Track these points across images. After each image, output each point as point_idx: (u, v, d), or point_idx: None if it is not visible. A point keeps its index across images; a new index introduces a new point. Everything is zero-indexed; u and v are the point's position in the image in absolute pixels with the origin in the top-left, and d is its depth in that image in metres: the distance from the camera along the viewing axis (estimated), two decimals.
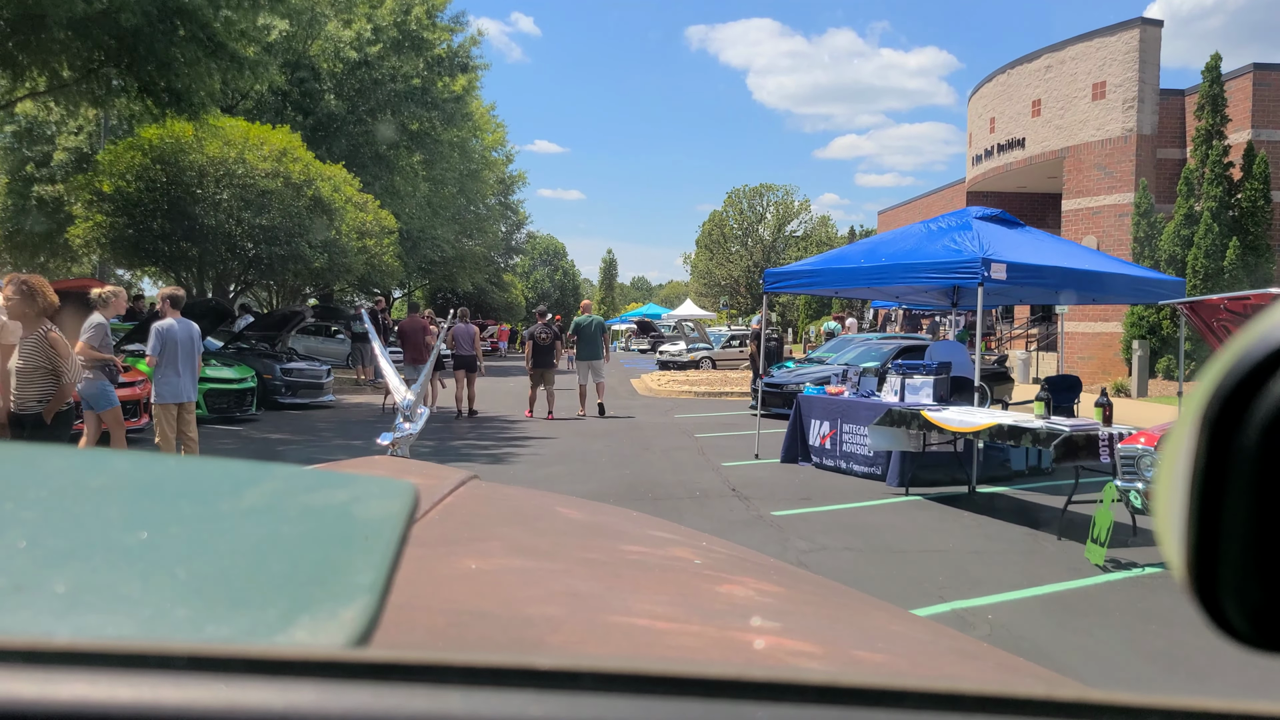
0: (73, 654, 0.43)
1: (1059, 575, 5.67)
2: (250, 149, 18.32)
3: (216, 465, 0.82)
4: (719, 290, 71.62)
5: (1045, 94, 21.34)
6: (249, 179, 18.09)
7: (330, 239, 19.07)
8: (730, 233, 74.02)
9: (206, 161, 17.90)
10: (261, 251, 18.29)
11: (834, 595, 1.20)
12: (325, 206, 19.34)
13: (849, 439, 9.13)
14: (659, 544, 1.28)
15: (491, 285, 54.65)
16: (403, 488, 0.79)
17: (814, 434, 9.66)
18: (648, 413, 15.57)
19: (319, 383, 15.29)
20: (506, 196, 55.60)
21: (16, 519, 0.63)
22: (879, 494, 8.22)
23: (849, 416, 9.15)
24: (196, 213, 17.79)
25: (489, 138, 44.98)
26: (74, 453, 0.77)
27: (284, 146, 18.87)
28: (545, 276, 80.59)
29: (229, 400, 12.74)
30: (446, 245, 34.68)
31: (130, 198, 17.71)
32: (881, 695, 0.46)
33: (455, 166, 38.07)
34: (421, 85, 26.99)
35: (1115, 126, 19.58)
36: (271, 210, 18.25)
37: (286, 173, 18.62)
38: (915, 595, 5.16)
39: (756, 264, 71.58)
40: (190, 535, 0.64)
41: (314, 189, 19.03)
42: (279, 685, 0.42)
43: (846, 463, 9.16)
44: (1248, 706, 0.49)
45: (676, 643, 0.77)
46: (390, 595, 0.58)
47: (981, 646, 1.07)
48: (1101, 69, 19.78)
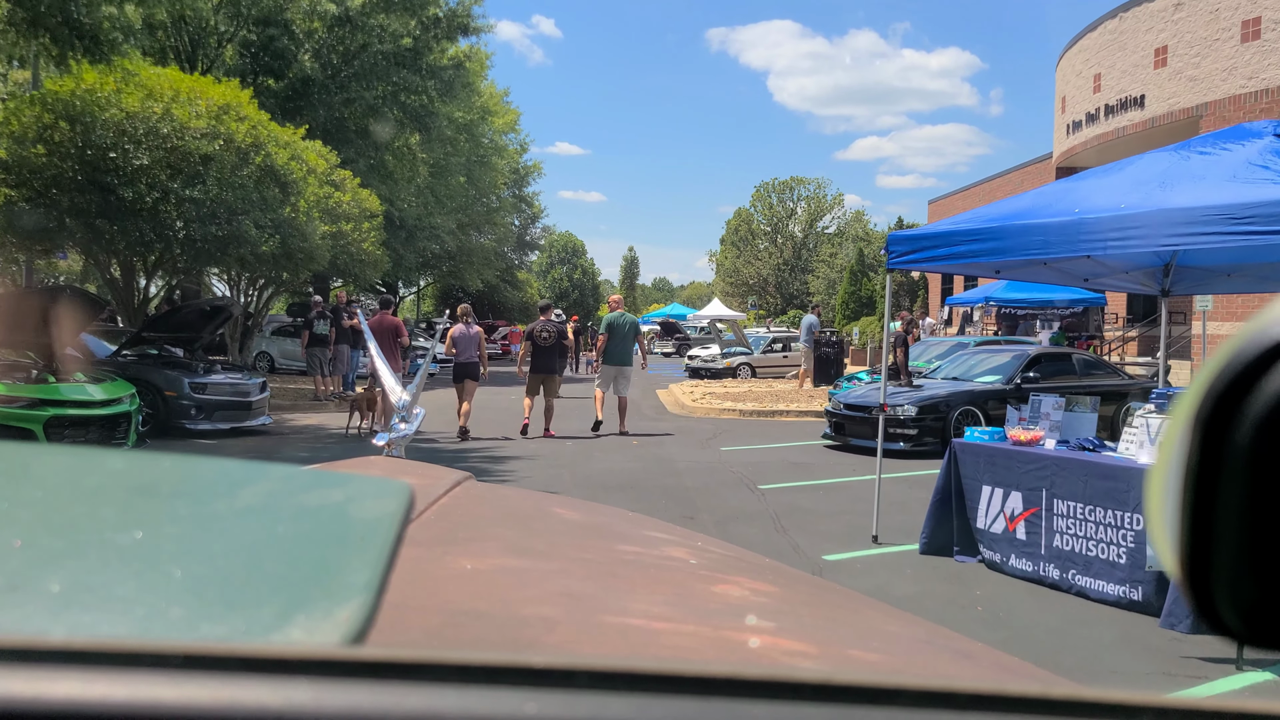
0: (67, 653, 0.43)
1: None
2: (180, 103, 14.55)
3: (212, 464, 0.85)
4: (746, 289, 67.50)
5: (1174, 39, 17.21)
6: (178, 141, 14.32)
7: (284, 218, 15.26)
8: (758, 229, 69.86)
9: (124, 118, 14.14)
10: (194, 231, 14.50)
11: (829, 594, 1.20)
12: (279, 177, 15.54)
13: (1070, 527, 5.11)
14: (654, 544, 1.29)
15: (504, 283, 50.80)
16: (398, 488, 0.82)
17: (986, 510, 5.64)
18: (683, 442, 11.62)
19: (245, 401, 11.46)
20: (520, 189, 51.78)
21: (11, 518, 0.64)
22: (1162, 649, 4.26)
23: (1065, 486, 5.14)
24: (111, 182, 14.04)
25: (499, 120, 41.15)
26: (69, 452, 0.81)
27: (225, 102, 15.09)
28: (564, 275, 76.78)
29: (91, 431, 8.90)
30: (447, 236, 30.79)
31: (31, 164, 14.00)
32: (876, 694, 0.46)
33: (462, 151, 34.31)
34: (413, 47, 23.17)
35: (1276, 73, 15.41)
36: (207, 180, 14.47)
37: (228, 134, 14.83)
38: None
39: (786, 262, 67.42)
40: (186, 534, 0.65)
41: (264, 155, 15.23)
42: (275, 684, 0.42)
43: (1065, 571, 5.12)
44: (1242, 704, 0.49)
45: (672, 642, 0.77)
46: (386, 595, 0.58)
47: (977, 646, 1.05)
48: (1254, 1, 15.64)
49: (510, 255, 52.79)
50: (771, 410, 14.82)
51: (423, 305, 58.03)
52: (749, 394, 17.51)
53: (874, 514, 6.50)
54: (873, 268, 51.99)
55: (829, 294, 57.90)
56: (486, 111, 38.08)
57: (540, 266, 74.07)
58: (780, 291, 66.83)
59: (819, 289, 59.36)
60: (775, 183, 69.48)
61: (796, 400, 16.08)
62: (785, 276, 67.15)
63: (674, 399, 17.66)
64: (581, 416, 14.18)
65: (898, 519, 6.82)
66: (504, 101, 44.82)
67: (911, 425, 10.34)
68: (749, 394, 17.51)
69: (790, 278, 66.79)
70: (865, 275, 46.68)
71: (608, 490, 8.14)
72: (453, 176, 34.04)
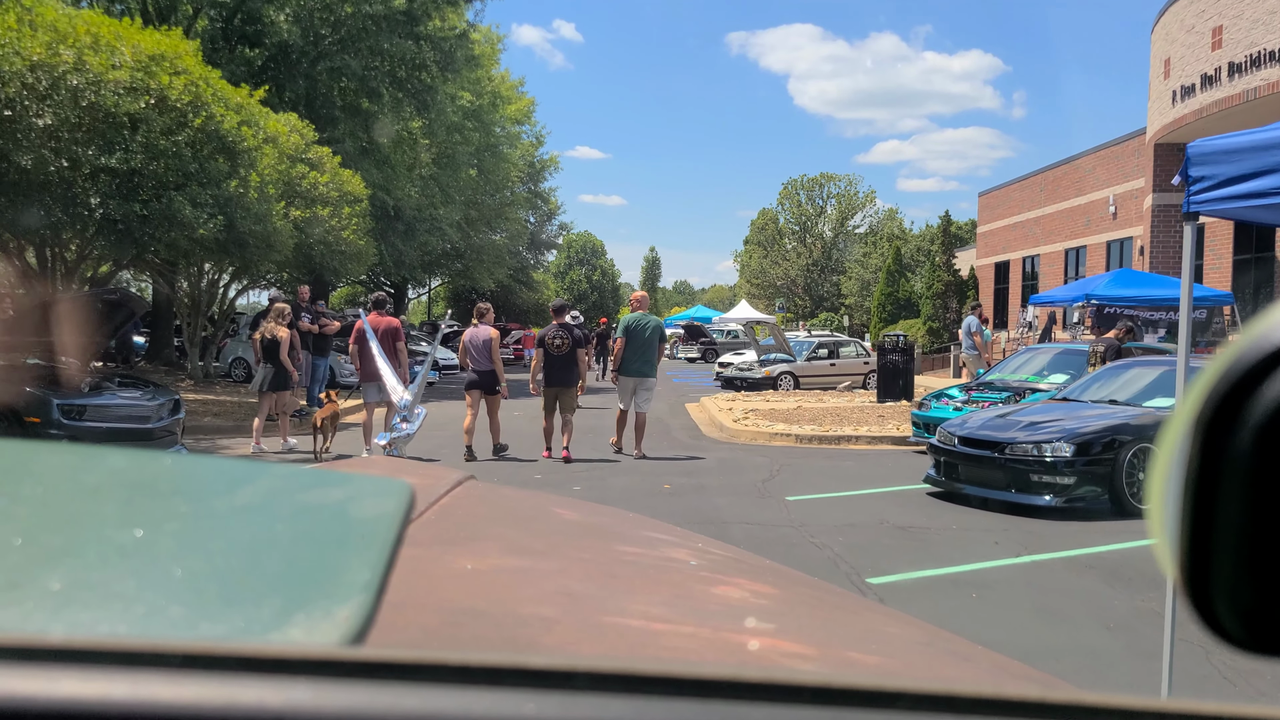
0: (67, 651, 0.44)
1: None
2: (98, 51, 11.67)
3: (212, 463, 0.85)
4: (774, 291, 64.21)
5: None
6: (94, 96, 11.43)
7: (230, 194, 12.34)
8: (786, 228, 66.52)
9: (26, 68, 11.28)
10: (113, 209, 11.62)
11: (828, 597, 1.19)
12: (225, 145, 12.62)
13: None
14: (654, 545, 1.28)
15: (518, 283, 47.86)
16: (399, 487, 0.82)
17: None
18: (730, 484, 8.54)
19: (144, 428, 8.49)
20: (536, 184, 48.82)
21: (11, 515, 0.64)
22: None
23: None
24: (5, 148, 11.18)
25: (512, 108, 38.20)
26: (69, 450, 0.79)
27: (158, 51, 12.19)
28: (583, 276, 73.82)
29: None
30: (451, 229, 27.82)
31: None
32: (875, 696, 0.46)
33: (471, 140, 31.41)
34: (408, 10, 20.26)
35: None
36: (130, 146, 11.58)
37: (160, 90, 11.93)
38: None
39: (815, 262, 64.07)
40: (186, 533, 0.65)
41: (206, 117, 12.32)
42: (274, 683, 0.42)
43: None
44: (1241, 710, 0.49)
45: (671, 643, 0.77)
46: (386, 594, 0.59)
47: (975, 649, 1.04)
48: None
49: (525, 254, 49.84)
50: (836, 436, 11.71)
51: (435, 308, 55.26)
52: (800, 412, 14.39)
53: (1164, 673, 3.36)
54: (910, 268, 48.74)
55: (862, 296, 54.60)
56: (498, 98, 35.15)
57: (558, 267, 71.12)
58: (809, 293, 63.52)
59: (851, 290, 56.06)
60: (804, 180, 66.20)
61: (863, 420, 12.96)
62: (815, 278, 63.85)
63: (709, 417, 14.59)
64: (601, 432, 11.86)
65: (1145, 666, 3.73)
66: (519, 91, 41.98)
67: (1065, 470, 7.23)
68: (800, 412, 14.39)
69: (820, 279, 63.48)
70: (903, 275, 43.49)
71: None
72: (461, 169, 31.16)
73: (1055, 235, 28.26)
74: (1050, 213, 28.64)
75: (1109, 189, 25.20)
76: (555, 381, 10.07)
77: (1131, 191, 24.02)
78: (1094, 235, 26.06)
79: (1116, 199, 24.78)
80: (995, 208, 33.12)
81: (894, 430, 11.86)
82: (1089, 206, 26.32)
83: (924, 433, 10.67)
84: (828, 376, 20.20)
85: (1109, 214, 25.05)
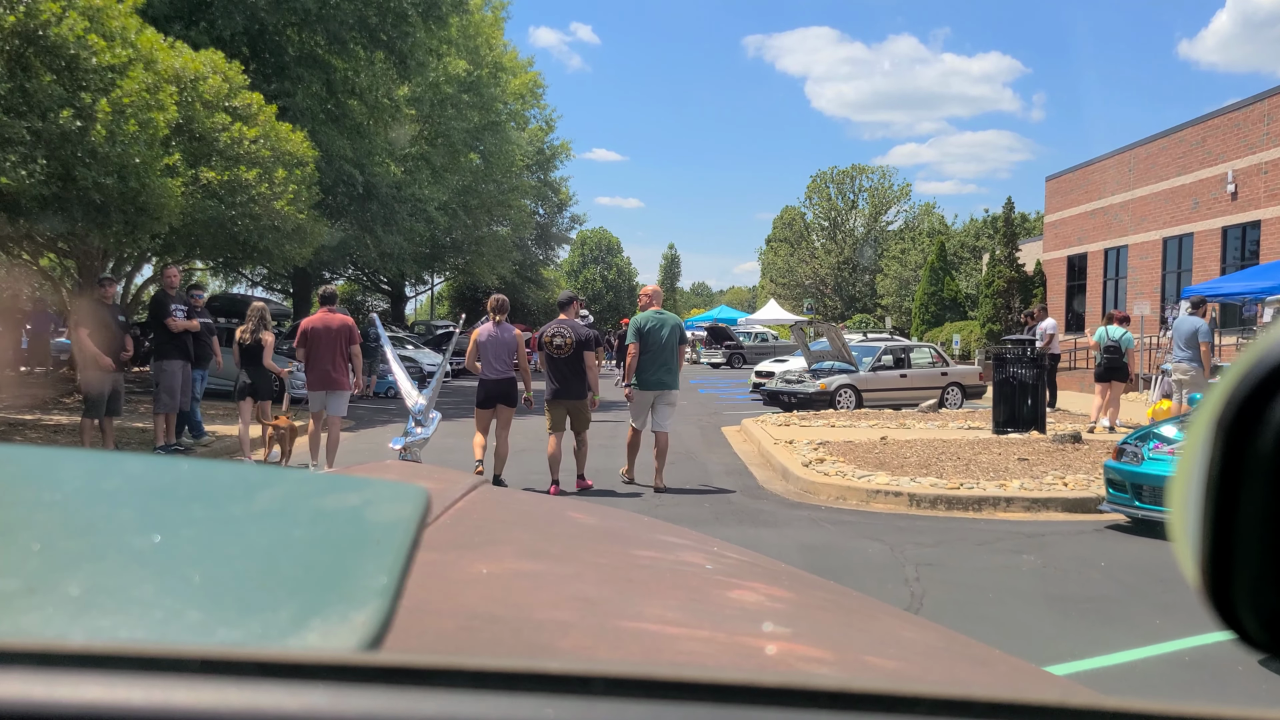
0: (86, 657, 0.44)
1: None
2: None
3: (229, 469, 0.82)
4: (801, 291, 59.88)
5: None
6: None
7: (66, 128, 8.35)
8: (814, 224, 62.19)
9: None
10: None
11: (845, 600, 1.18)
12: (59, 58, 8.64)
13: None
14: (670, 549, 1.27)
15: (525, 280, 43.80)
16: (414, 492, 0.80)
17: None
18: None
19: None
20: (546, 173, 44.77)
21: (30, 522, 0.64)
22: None
23: None
24: None
25: (515, 81, 34.16)
26: (87, 456, 0.77)
27: None
28: (597, 275, 69.75)
29: None
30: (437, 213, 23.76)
31: None
32: (893, 701, 0.46)
33: (468, 116, 27.44)
34: None
35: None
36: None
37: None
38: None
39: (847, 260, 59.71)
40: (203, 538, 0.65)
41: (24, 12, 8.33)
42: (291, 688, 0.43)
43: None
44: (1265, 715, 0.49)
45: (687, 648, 0.77)
46: (402, 599, 0.59)
47: (993, 653, 1.02)
48: None
49: (533, 249, 45.81)
50: (973, 499, 7.52)
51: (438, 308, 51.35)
52: (892, 449, 10.18)
53: None
54: (954, 264, 44.34)
55: (901, 295, 50.26)
56: (499, 69, 31.15)
57: (570, 265, 67.07)
58: (839, 293, 59.19)
59: (889, 290, 51.73)
60: (834, 172, 61.84)
61: (1000, 468, 8.75)
62: (846, 276, 59.50)
63: (760, 452, 10.47)
64: (612, 454, 9.06)
65: None
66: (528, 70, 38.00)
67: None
68: (892, 449, 10.18)
69: (852, 277, 59.11)
70: (948, 273, 39.17)
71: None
72: (459, 150, 27.18)
73: (1150, 222, 23.95)
74: (1143, 195, 24.33)
75: (1226, 164, 20.91)
76: (562, 393, 8.17)
77: (1259, 165, 19.74)
78: (1203, 220, 21.76)
79: (1237, 175, 20.49)
80: (1068, 193, 28.79)
81: (1060, 486, 7.71)
82: (1196, 187, 22.03)
83: (1129, 497, 6.57)
84: (899, 391, 15.99)
85: (1226, 193, 20.77)
